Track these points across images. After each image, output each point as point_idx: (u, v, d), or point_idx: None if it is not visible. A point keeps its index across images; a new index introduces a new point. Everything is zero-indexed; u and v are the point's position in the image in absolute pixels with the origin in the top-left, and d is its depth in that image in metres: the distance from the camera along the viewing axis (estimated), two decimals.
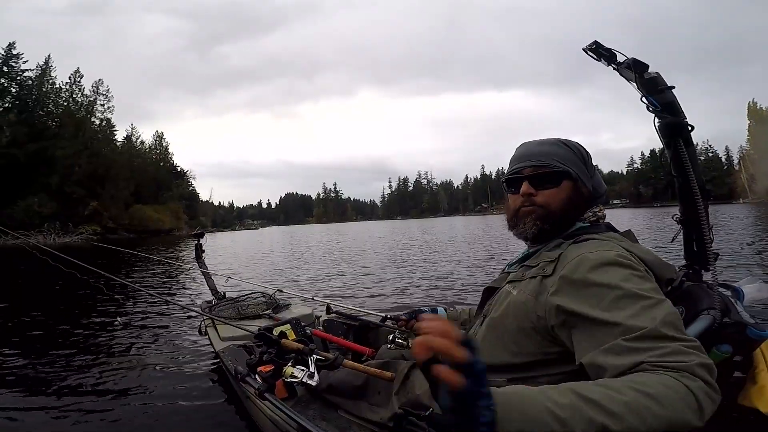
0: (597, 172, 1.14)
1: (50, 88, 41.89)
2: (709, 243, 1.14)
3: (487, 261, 9.08)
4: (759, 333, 0.89)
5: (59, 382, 2.76)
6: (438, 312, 1.75)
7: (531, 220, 1.10)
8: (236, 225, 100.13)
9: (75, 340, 3.81)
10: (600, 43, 1.13)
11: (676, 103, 1.09)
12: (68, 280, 2.49)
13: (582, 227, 1.08)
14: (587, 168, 1.11)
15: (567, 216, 1.09)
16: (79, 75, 44.47)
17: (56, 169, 36.67)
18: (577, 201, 1.09)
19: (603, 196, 1.14)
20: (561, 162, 1.08)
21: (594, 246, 0.96)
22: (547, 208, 1.08)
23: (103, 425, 2.20)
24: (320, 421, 1.38)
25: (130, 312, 4.92)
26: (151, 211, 45.68)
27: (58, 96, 42.60)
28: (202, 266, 3.58)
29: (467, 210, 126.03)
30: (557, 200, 1.08)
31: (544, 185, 1.08)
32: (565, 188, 1.08)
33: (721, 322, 0.90)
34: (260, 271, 9.32)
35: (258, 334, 1.58)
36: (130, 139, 53.54)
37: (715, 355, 0.90)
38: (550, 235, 1.10)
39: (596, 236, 1.02)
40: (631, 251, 0.95)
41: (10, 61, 39.49)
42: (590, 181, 1.11)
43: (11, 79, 39.36)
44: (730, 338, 0.90)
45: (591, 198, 1.11)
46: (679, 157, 1.10)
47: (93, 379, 2.82)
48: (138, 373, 2.91)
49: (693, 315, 0.95)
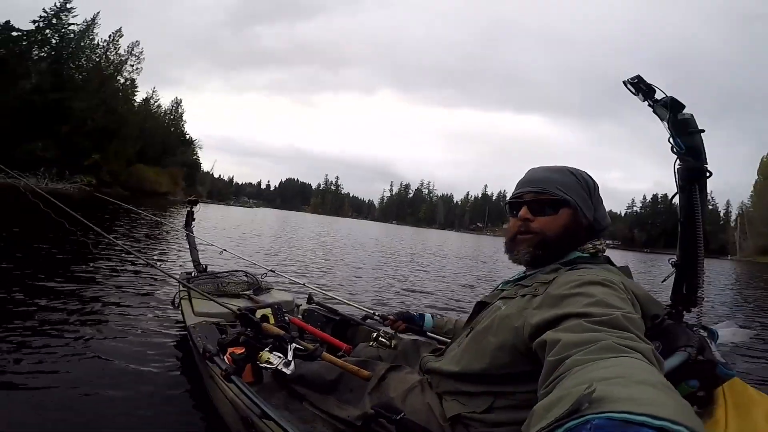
0: (603, 205, 1.15)
1: (88, 43, 42.67)
2: (700, 287, 1.20)
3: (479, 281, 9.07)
4: (727, 372, 0.96)
5: (9, 333, 2.59)
6: (425, 318, 1.74)
7: (525, 248, 1.12)
8: (232, 200, 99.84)
9: (44, 291, 3.64)
10: (642, 78, 1.14)
11: (702, 148, 1.11)
12: (55, 229, 2.41)
13: (581, 257, 1.09)
14: (591, 199, 1.12)
15: (563, 244, 1.10)
16: (119, 34, 45.31)
17: (69, 120, 36.77)
18: (574, 230, 1.10)
19: (606, 230, 1.15)
20: (562, 190, 1.09)
21: (588, 272, 0.98)
22: (542, 234, 1.10)
23: (47, 387, 2.06)
24: (284, 410, 1.36)
25: (106, 269, 4.82)
26: (151, 172, 45.63)
27: (93, 52, 43.32)
28: (190, 234, 3.50)
29: (462, 226, 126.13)
30: (553, 227, 1.09)
31: (543, 211, 1.10)
32: (563, 216, 1.09)
33: (696, 359, 0.96)
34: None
35: (239, 314, 1.55)
36: (148, 102, 54.22)
37: (682, 388, 0.95)
38: (545, 261, 1.11)
39: (592, 266, 1.03)
40: (623, 282, 0.95)
41: (61, 14, 40.15)
42: (592, 212, 1.12)
43: (55, 31, 39.93)
44: (700, 374, 0.96)
45: (591, 229, 1.12)
46: (691, 202, 1.13)
47: (45, 333, 2.69)
48: (96, 334, 2.76)
49: (669, 350, 0.99)
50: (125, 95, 45.98)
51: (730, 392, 1.00)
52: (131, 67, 46.42)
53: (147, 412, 1.96)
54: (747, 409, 0.97)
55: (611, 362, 0.61)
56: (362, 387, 1.30)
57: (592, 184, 1.14)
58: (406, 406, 1.14)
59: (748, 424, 0.94)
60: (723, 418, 0.94)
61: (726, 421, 0.93)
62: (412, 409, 1.13)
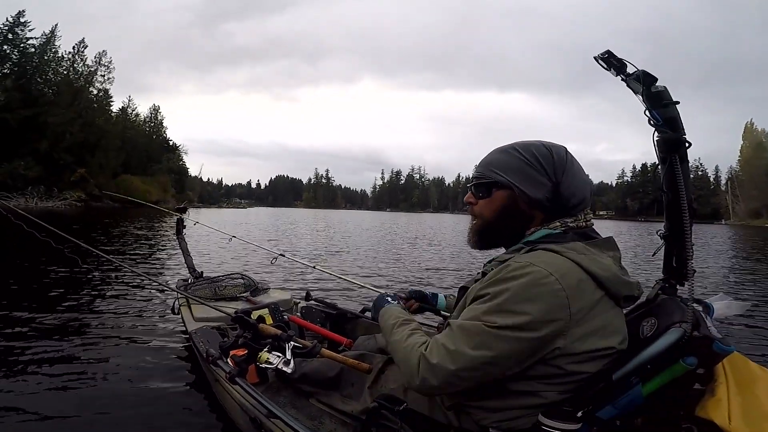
0: (577, 180, 1.04)
1: (52, 56, 41.55)
2: (690, 259, 1.16)
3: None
4: (724, 348, 0.91)
5: (18, 355, 2.62)
6: (438, 298, 1.73)
7: (472, 234, 1.13)
8: (223, 203, 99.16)
9: (41, 311, 3.58)
10: (612, 53, 1.12)
11: (678, 119, 1.09)
12: (43, 249, 2.38)
13: (550, 234, 1.03)
14: (544, 175, 1.02)
15: (501, 226, 1.07)
16: (83, 45, 44.15)
17: (47, 135, 36.14)
18: (512, 211, 1.05)
19: (576, 207, 1.04)
20: (496, 171, 1.05)
21: (539, 256, 0.95)
22: (480, 217, 1.10)
23: (62, 402, 2.10)
24: (290, 408, 1.37)
25: (101, 284, 4.78)
26: (139, 182, 45.14)
27: (58, 65, 42.28)
28: (182, 242, 3.49)
29: (456, 208, 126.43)
30: (488, 210, 1.07)
31: (480, 195, 1.09)
32: (496, 198, 1.06)
33: (691, 335, 0.92)
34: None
35: (235, 317, 1.55)
36: (125, 111, 53.47)
37: (681, 366, 0.92)
38: (491, 245, 1.12)
39: (554, 246, 0.96)
40: (582, 267, 0.92)
41: (16, 28, 39.07)
42: (545, 189, 1.02)
43: (14, 47, 38.91)
44: (697, 351, 0.92)
45: (552, 206, 1.03)
46: (672, 173, 1.11)
47: (55, 352, 2.70)
48: (103, 350, 2.80)
49: (665, 327, 0.96)
50: (101, 106, 44.95)
51: (731, 368, 0.97)
52: (102, 78, 45.48)
53: (159, 421, 1.99)
54: (749, 385, 0.95)
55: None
56: (363, 381, 1.30)
57: (547, 157, 1.03)
58: (408, 396, 1.15)
59: (751, 400, 0.91)
60: (725, 395, 0.91)
61: (728, 398, 0.90)
62: (414, 398, 1.13)
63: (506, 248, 1.10)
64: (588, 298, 0.91)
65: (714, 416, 0.88)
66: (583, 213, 1.06)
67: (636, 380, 0.94)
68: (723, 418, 0.87)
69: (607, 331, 0.94)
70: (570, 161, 1.04)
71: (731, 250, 14.82)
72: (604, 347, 0.93)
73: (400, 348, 1.05)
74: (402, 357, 1.03)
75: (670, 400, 0.97)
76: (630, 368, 0.94)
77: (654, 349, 0.93)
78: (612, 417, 0.95)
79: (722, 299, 1.18)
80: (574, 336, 0.90)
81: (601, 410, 0.95)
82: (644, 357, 0.94)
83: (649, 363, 0.93)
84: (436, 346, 0.96)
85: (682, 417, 0.95)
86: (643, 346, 0.96)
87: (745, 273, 8.72)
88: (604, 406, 0.95)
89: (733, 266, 9.77)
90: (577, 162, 1.07)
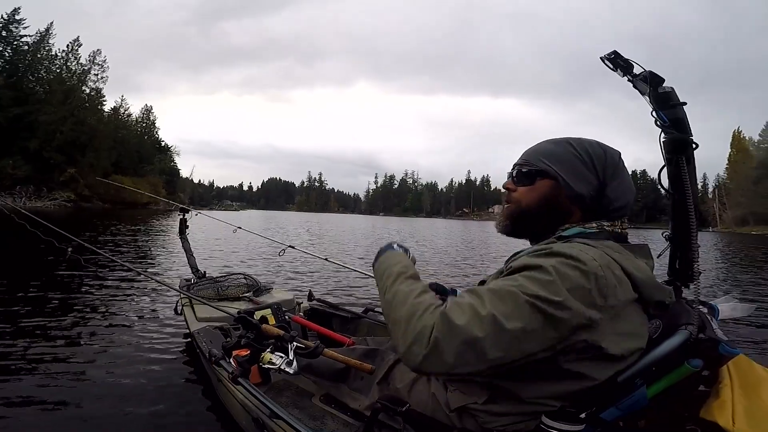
0: (623, 184, 1.01)
1: (45, 54, 41.31)
2: (695, 261, 1.15)
3: None
4: (730, 350, 0.92)
5: (20, 354, 2.62)
6: (457, 294, 1.71)
7: (503, 217, 1.09)
8: (214, 205, 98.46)
9: (42, 311, 3.62)
10: (619, 53, 1.13)
11: (685, 120, 1.10)
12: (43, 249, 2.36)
13: (583, 232, 0.99)
14: (593, 172, 0.99)
15: (539, 216, 1.03)
16: (77, 44, 43.83)
17: (37, 134, 35.81)
18: (552, 203, 1.02)
19: (618, 212, 1.01)
20: (544, 160, 1.02)
21: (579, 245, 0.90)
22: (518, 204, 1.06)
23: (64, 401, 2.09)
24: (293, 409, 1.37)
25: (103, 285, 4.74)
26: (130, 183, 44.64)
27: (51, 63, 42.01)
28: (184, 242, 3.50)
29: (448, 213, 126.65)
30: (528, 198, 1.04)
31: (522, 182, 1.06)
32: (539, 187, 1.03)
33: (697, 337, 0.92)
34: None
35: (238, 317, 1.55)
36: (117, 111, 53.09)
37: (686, 368, 0.91)
38: (522, 233, 1.08)
39: (589, 242, 0.93)
40: (621, 265, 0.89)
41: (10, 26, 38.99)
42: (590, 187, 0.99)
43: (7, 44, 38.77)
44: (703, 353, 0.91)
45: (592, 206, 1.00)
46: (679, 174, 1.10)
47: (57, 352, 2.68)
48: (105, 349, 2.80)
49: (670, 329, 0.96)
50: (93, 106, 44.47)
51: (736, 370, 0.97)
52: (96, 77, 44.98)
53: (161, 421, 1.99)
54: (754, 387, 0.95)
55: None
56: (372, 376, 1.30)
57: (600, 157, 1.00)
58: (412, 396, 1.14)
59: (756, 402, 0.91)
60: (730, 398, 0.91)
61: (733, 400, 0.90)
62: (418, 399, 1.12)
63: (532, 242, 1.07)
64: (622, 297, 0.87)
65: (718, 418, 0.89)
66: (621, 220, 1.03)
67: (641, 382, 0.93)
68: (727, 420, 0.87)
69: (634, 336, 0.91)
70: (622, 166, 1.03)
71: (725, 255, 15.00)
72: (624, 352, 0.90)
73: (407, 301, 0.88)
74: (406, 313, 0.86)
75: (674, 401, 0.97)
76: (635, 370, 0.93)
77: (660, 351, 0.92)
78: (615, 418, 0.94)
79: (727, 301, 1.18)
80: (603, 332, 0.85)
81: (605, 412, 0.94)
82: (650, 359, 0.93)
83: (655, 365, 0.92)
84: (460, 306, 0.82)
85: (686, 419, 0.95)
86: (648, 347, 0.94)
87: (743, 275, 8.87)
88: (608, 407, 0.93)
89: (728, 271, 9.86)
90: (627, 169, 1.06)
